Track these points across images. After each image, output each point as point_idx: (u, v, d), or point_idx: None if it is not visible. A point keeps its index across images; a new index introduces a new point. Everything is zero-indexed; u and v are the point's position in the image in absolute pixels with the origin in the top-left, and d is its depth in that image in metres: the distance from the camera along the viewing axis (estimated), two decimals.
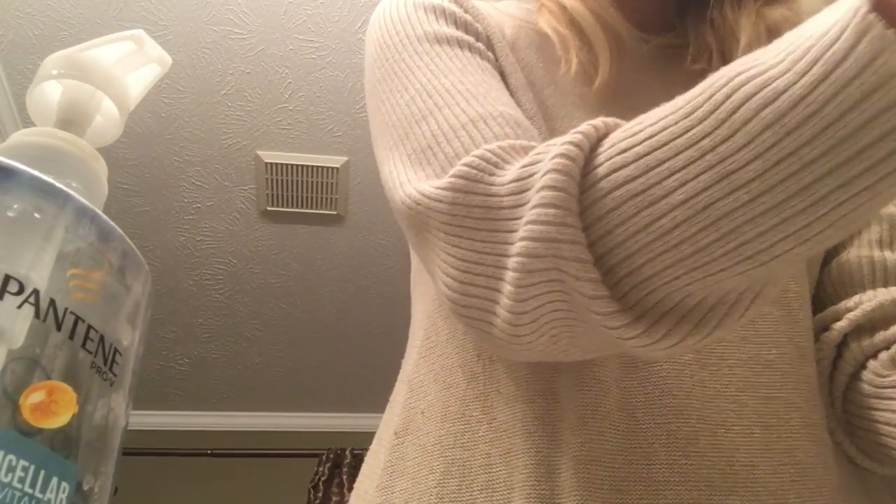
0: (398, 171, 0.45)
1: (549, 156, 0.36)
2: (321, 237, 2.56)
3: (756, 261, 0.31)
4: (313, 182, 2.34)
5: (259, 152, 2.25)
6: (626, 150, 0.33)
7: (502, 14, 0.60)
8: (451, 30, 0.53)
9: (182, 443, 3.18)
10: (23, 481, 0.25)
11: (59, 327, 0.28)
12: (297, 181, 2.33)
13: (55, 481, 0.26)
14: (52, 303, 0.28)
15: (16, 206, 0.29)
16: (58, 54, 0.42)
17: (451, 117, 0.45)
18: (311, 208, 2.43)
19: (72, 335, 0.28)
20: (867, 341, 0.49)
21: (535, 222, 0.35)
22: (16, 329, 0.26)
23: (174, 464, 3.12)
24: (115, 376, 0.31)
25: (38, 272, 0.28)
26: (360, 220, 2.50)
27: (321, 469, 3.04)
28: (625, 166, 0.33)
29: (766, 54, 0.30)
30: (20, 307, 0.27)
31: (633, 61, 0.58)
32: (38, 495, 0.25)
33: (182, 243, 2.53)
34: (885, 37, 0.26)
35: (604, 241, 0.34)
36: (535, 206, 0.35)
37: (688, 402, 0.45)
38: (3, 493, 0.24)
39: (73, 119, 0.41)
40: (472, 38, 0.53)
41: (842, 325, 0.50)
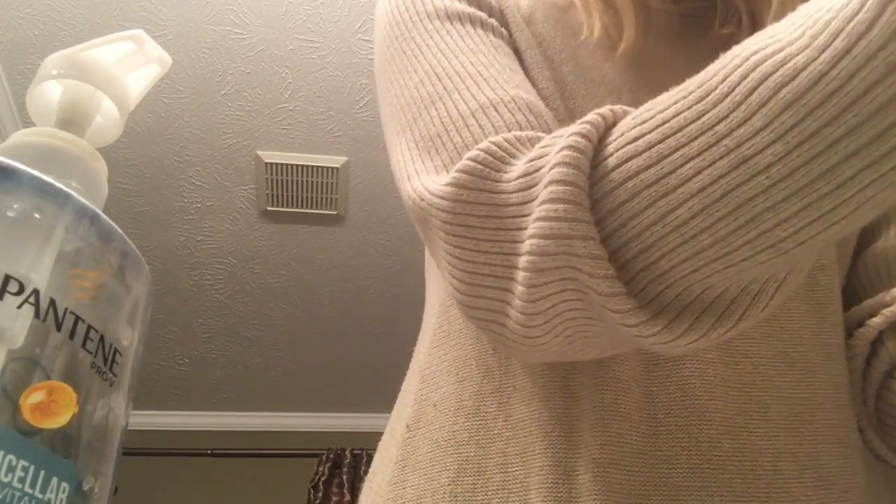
0: (405, 160, 0.44)
1: (555, 148, 0.34)
2: (321, 237, 2.56)
3: (780, 248, 0.30)
4: (313, 182, 2.35)
5: (259, 152, 2.25)
6: (637, 138, 0.32)
7: None
8: (462, 6, 0.51)
9: (182, 443, 3.18)
10: (23, 481, 0.25)
11: (58, 327, 0.28)
12: (297, 181, 2.33)
13: (55, 481, 0.26)
14: (52, 303, 0.28)
15: (16, 206, 0.29)
16: (58, 54, 0.42)
17: (461, 103, 0.43)
18: (311, 208, 2.43)
19: (72, 335, 0.28)
20: None
21: (544, 219, 0.33)
22: (16, 329, 0.26)
23: (174, 464, 3.12)
24: (115, 376, 0.31)
25: (38, 272, 0.28)
26: (360, 220, 2.50)
27: (321, 469, 3.05)
28: (636, 156, 0.32)
29: (783, 29, 0.29)
30: (20, 307, 0.27)
31: (657, 29, 0.54)
32: (38, 495, 0.25)
33: (182, 243, 2.53)
34: None
35: (617, 234, 0.32)
36: (543, 202, 0.33)
37: (711, 402, 0.44)
38: (3, 493, 0.24)
39: (73, 119, 0.41)
40: (485, 14, 0.51)
41: (877, 321, 0.48)
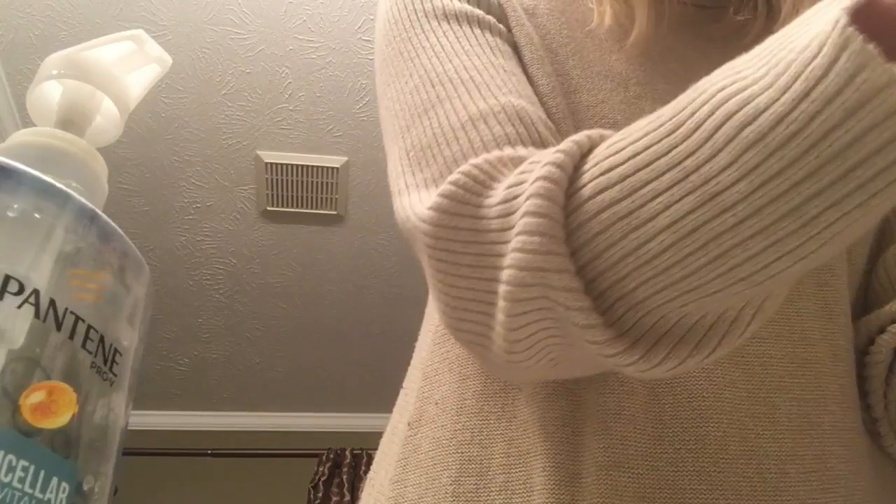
0: (397, 172, 0.45)
1: (532, 177, 0.34)
2: (321, 237, 2.56)
3: (751, 282, 0.30)
4: (313, 182, 2.34)
5: (259, 152, 2.25)
6: (609, 169, 0.32)
7: None
8: (461, 4, 0.51)
9: (182, 443, 3.18)
10: (23, 481, 0.25)
11: (59, 327, 0.28)
12: (297, 181, 2.33)
13: (55, 481, 0.26)
14: (52, 303, 0.28)
15: (16, 206, 0.29)
16: (58, 54, 0.42)
17: (452, 113, 0.44)
18: (311, 208, 2.43)
19: (72, 335, 0.28)
20: None
21: (520, 250, 0.33)
22: (16, 329, 0.26)
23: (174, 464, 3.12)
24: (115, 376, 0.31)
25: (38, 272, 0.28)
26: (360, 220, 2.50)
27: (321, 469, 3.05)
28: (609, 187, 0.32)
29: (749, 65, 0.29)
30: (20, 307, 0.27)
31: (670, 18, 0.53)
32: (38, 495, 0.25)
33: (182, 243, 2.53)
34: (865, 52, 0.25)
35: (593, 265, 0.33)
36: (519, 233, 0.34)
37: (718, 404, 0.43)
38: (3, 493, 0.24)
39: (73, 119, 0.41)
40: (483, 12, 0.51)
41: None
